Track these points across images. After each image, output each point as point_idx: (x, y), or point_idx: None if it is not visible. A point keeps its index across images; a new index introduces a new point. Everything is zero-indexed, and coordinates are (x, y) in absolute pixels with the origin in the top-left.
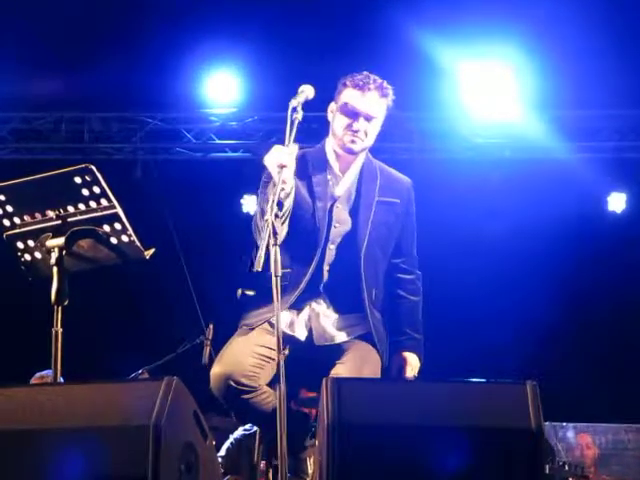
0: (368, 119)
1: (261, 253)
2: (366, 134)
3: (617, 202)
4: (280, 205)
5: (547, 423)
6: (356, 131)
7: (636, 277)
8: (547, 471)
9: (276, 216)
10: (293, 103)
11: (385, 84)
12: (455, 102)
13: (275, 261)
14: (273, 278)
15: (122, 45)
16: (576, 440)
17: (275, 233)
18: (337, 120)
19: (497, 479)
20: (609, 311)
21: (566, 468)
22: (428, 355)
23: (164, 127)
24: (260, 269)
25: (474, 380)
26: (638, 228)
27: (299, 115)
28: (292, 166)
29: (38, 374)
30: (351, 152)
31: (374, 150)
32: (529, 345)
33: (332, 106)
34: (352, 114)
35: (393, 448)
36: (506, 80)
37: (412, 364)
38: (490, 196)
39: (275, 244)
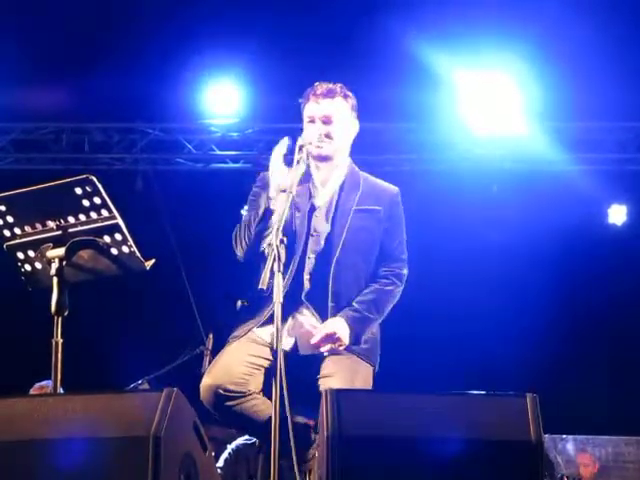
0: (326, 122)
1: (267, 272)
2: (329, 137)
3: (618, 214)
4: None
5: (547, 435)
6: (318, 135)
7: (637, 289)
8: None
9: (281, 242)
10: (299, 142)
11: (335, 87)
12: (456, 113)
13: (277, 287)
14: (276, 305)
15: (123, 56)
16: (575, 457)
17: (280, 259)
18: (304, 133)
19: None
20: (609, 323)
21: None
22: (429, 367)
23: (165, 138)
24: (265, 287)
25: (474, 392)
26: (639, 240)
27: (304, 155)
28: (293, 191)
29: (37, 384)
30: (322, 158)
31: (374, 162)
32: (529, 357)
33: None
34: (310, 121)
35: (393, 460)
36: (507, 91)
37: (329, 329)
38: (490, 207)
39: (279, 270)
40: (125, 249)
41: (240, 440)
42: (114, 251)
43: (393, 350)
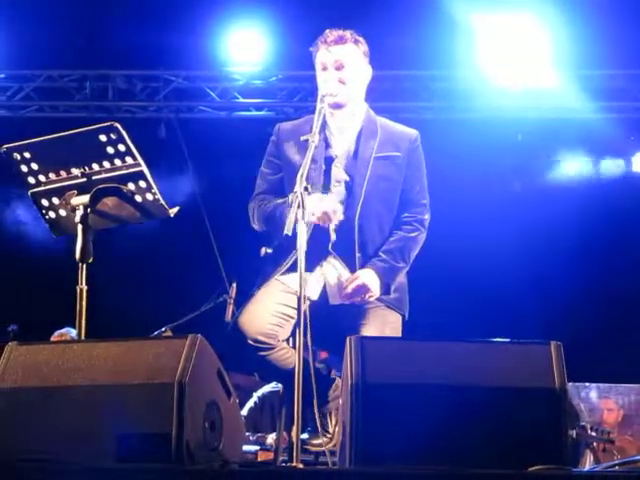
0: (339, 68)
1: (291, 217)
2: (342, 82)
3: None
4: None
5: (570, 383)
6: (331, 82)
7: None
8: (574, 435)
9: (305, 189)
10: (321, 92)
11: (346, 34)
12: (480, 60)
13: (301, 234)
14: (298, 252)
15: (146, 3)
16: (598, 404)
17: (304, 206)
18: (318, 81)
19: (521, 439)
20: (633, 270)
21: (590, 432)
22: (453, 315)
23: (188, 85)
24: (290, 233)
25: (498, 340)
26: None
27: (325, 105)
28: (316, 140)
29: (57, 332)
30: (337, 105)
31: (394, 109)
32: (553, 305)
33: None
34: (323, 69)
35: (416, 408)
36: (532, 37)
37: (360, 281)
38: (513, 156)
39: (303, 218)
40: (149, 196)
41: (267, 388)
42: (138, 198)
43: (419, 298)
